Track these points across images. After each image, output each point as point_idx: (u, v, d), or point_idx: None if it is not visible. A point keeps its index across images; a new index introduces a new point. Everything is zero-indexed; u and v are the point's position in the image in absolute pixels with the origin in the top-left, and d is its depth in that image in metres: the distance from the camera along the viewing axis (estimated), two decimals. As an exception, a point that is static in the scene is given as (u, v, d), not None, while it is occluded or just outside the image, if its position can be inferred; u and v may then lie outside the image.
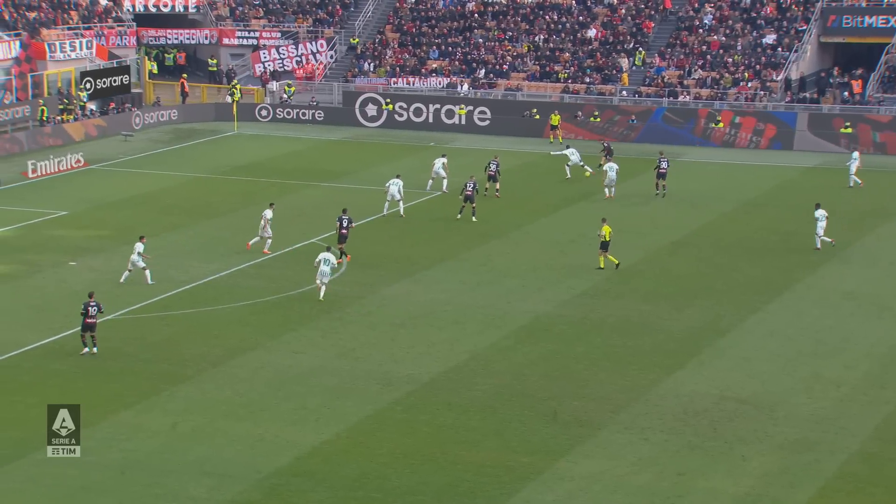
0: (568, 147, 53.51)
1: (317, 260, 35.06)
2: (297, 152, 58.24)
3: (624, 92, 65.11)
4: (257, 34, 73.89)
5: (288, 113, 65.73)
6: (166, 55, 73.48)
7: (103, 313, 30.97)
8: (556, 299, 35.78)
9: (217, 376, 29.28)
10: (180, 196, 48.66)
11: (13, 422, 26.22)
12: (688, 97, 63.87)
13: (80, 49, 64.91)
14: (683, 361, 30.85)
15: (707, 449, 25.72)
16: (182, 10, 74.25)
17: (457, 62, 69.72)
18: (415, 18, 73.57)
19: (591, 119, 62.40)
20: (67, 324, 32.50)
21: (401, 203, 44.55)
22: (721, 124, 60.60)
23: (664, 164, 48.83)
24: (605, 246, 37.94)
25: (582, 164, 52.07)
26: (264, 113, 65.73)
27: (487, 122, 63.19)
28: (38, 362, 29.97)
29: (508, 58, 69.24)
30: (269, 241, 39.36)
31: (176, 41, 73.97)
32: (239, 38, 74.17)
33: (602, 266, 38.06)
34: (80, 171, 53.00)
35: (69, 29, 67.10)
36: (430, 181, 48.65)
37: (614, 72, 66.68)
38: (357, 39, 72.89)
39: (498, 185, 48.23)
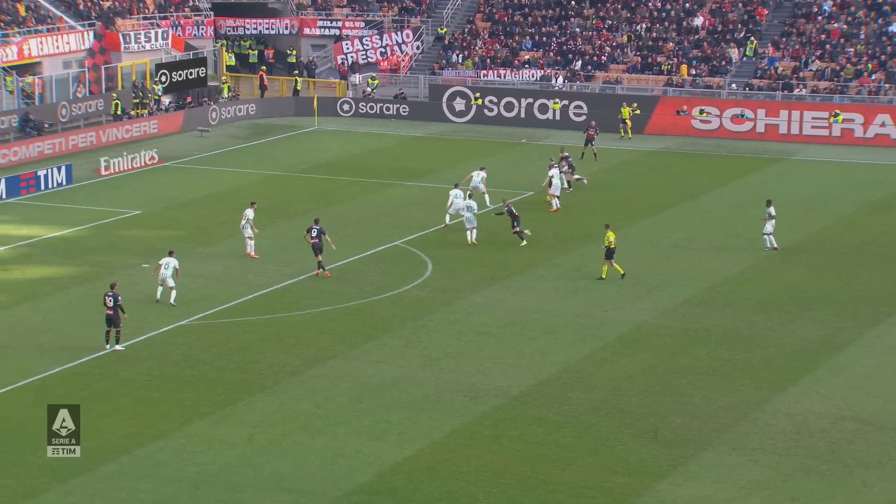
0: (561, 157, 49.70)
1: (454, 204, 41.14)
2: (380, 149, 58.65)
3: (734, 85, 64.36)
4: (340, 24, 74.64)
5: (371, 107, 66.24)
6: (250, 51, 74.48)
7: (122, 309, 31.42)
8: (656, 308, 35.48)
9: (295, 386, 29.62)
10: (257, 195, 49.16)
11: (85, 431, 26.61)
12: (804, 90, 62.88)
13: (156, 40, 66.22)
14: (797, 377, 30.37)
15: (823, 473, 25.28)
16: (261, -2, 75.40)
17: (551, 53, 69.57)
18: (507, 6, 73.60)
19: (699, 114, 61.75)
20: (140, 329, 33.17)
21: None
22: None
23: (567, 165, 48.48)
24: (610, 254, 37.42)
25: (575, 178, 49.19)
26: (346, 107, 66.32)
27: (584, 118, 62.88)
28: (111, 369, 30.63)
29: (607, 48, 68.89)
30: (252, 242, 39.46)
31: (254, 31, 75.08)
32: (321, 28, 75.03)
33: (604, 276, 37.52)
34: (154, 169, 54.05)
35: (144, 19, 68.51)
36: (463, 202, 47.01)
37: (723, 63, 65.92)
38: (445, 29, 73.16)
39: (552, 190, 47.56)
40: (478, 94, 64.86)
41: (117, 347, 31.58)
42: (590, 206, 47.34)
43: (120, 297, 31.50)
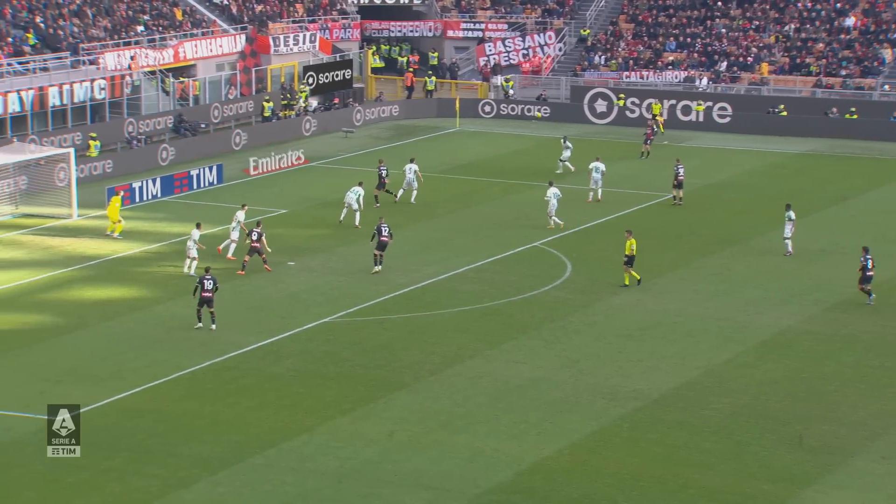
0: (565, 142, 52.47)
1: (547, 195, 42.61)
2: (521, 150, 58.68)
3: (887, 86, 62.49)
4: (483, 26, 74.96)
5: (512, 109, 66.33)
6: (400, 57, 75.40)
7: (219, 289, 32.96)
8: (802, 313, 34.73)
9: (434, 385, 29.89)
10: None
11: (234, 424, 27.57)
12: (960, 91, 60.75)
13: (304, 43, 67.57)
14: (949, 387, 29.41)
15: (975, 486, 24.43)
16: (406, 1, 76.17)
17: (696, 54, 68.64)
18: (651, 7, 72.90)
19: (847, 116, 60.12)
20: (285, 326, 33.91)
21: (357, 214, 43.43)
22: None
23: (681, 172, 46.49)
24: (630, 261, 36.49)
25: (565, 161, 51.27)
26: (487, 109, 66.55)
27: (728, 120, 61.90)
28: (257, 364, 31.38)
29: (754, 49, 67.63)
30: (234, 245, 39.87)
31: (399, 34, 75.97)
32: (464, 30, 75.49)
33: (627, 283, 36.66)
34: (300, 169, 55.12)
35: (294, 22, 69.96)
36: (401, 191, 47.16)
37: (875, 64, 64.06)
38: (588, 31, 72.83)
39: (682, 193, 46.84)
40: (621, 96, 64.36)
41: (212, 327, 33.05)
42: (734, 208, 46.58)
43: (217, 280, 33.00)
